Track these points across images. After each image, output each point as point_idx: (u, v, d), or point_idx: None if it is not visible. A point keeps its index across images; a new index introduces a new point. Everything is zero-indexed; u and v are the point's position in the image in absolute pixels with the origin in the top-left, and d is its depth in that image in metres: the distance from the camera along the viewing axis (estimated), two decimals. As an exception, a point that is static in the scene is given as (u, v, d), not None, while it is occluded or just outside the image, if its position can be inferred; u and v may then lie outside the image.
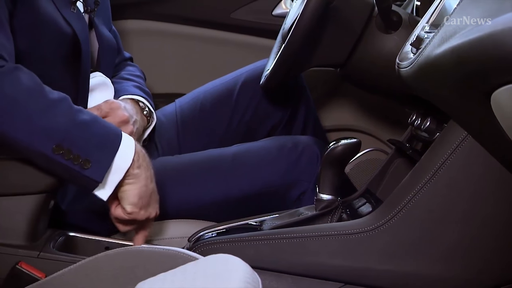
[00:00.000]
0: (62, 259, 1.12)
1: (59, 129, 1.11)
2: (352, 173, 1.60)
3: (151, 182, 1.19)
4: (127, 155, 1.15)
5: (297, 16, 1.31)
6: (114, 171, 1.14)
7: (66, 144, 1.10)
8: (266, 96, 1.55)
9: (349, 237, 1.08)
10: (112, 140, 1.15)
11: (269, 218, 1.22)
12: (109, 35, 1.44)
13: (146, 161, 1.18)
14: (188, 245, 1.21)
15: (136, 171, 1.16)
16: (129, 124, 1.34)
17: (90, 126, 1.14)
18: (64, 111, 1.12)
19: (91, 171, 1.12)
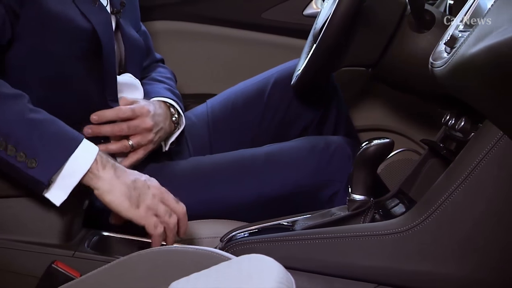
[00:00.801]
0: (96, 258, 1.13)
1: (5, 125, 1.07)
2: (384, 173, 1.59)
3: (126, 176, 1.12)
4: (84, 159, 1.10)
5: (329, 15, 1.31)
6: (67, 174, 1.09)
7: (11, 141, 1.07)
8: (297, 96, 1.55)
9: (383, 237, 1.07)
10: (67, 143, 1.10)
11: (301, 219, 1.21)
12: (136, 36, 1.44)
13: (111, 162, 1.13)
14: (220, 245, 1.21)
15: (101, 174, 1.10)
16: (151, 133, 1.34)
17: (43, 125, 1.10)
18: (15, 108, 1.09)
19: (36, 171, 1.07)
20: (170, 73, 1.58)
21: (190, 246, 1.07)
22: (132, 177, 1.13)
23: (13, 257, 1.13)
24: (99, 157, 1.11)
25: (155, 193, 1.14)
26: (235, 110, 1.57)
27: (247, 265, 0.88)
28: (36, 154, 1.07)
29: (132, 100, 1.36)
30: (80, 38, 1.24)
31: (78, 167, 1.09)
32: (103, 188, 1.10)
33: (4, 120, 1.07)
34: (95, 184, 1.11)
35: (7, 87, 1.11)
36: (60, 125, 1.12)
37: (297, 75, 1.46)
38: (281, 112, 1.56)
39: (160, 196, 1.15)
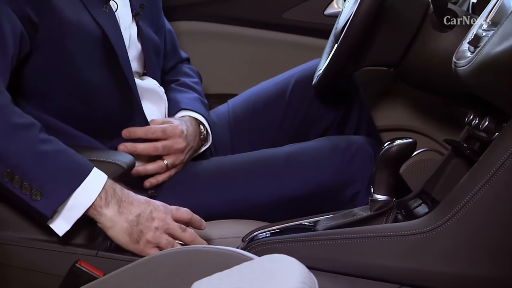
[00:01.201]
0: (119, 258, 1.13)
1: (13, 156, 1.07)
2: (405, 173, 1.58)
3: (130, 212, 1.12)
4: (90, 192, 1.09)
5: (350, 15, 1.31)
6: (72, 206, 1.09)
7: (18, 172, 1.06)
8: (318, 96, 1.54)
9: (406, 238, 1.07)
10: (74, 175, 1.09)
11: (323, 219, 1.21)
12: (154, 37, 1.43)
13: (116, 197, 1.12)
14: (242, 245, 1.21)
15: (104, 211, 1.10)
16: (184, 153, 1.36)
17: (49, 157, 1.09)
18: (25, 138, 1.08)
19: (40, 204, 1.07)
20: (196, 74, 1.58)
21: (212, 246, 1.07)
22: (137, 211, 1.13)
23: (37, 256, 1.14)
24: (105, 191, 1.11)
25: (158, 226, 1.14)
26: (256, 110, 1.57)
27: (270, 265, 0.88)
28: (42, 186, 1.07)
29: (163, 120, 1.38)
30: (95, 44, 1.24)
31: (82, 200, 1.09)
32: (105, 224, 1.11)
33: (13, 151, 1.07)
34: (98, 219, 1.12)
35: (19, 116, 1.10)
36: (69, 155, 1.11)
37: (319, 75, 1.46)
38: (302, 112, 1.55)
39: (163, 228, 1.14)
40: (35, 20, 1.18)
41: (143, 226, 1.13)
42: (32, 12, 1.17)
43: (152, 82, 1.40)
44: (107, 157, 1.19)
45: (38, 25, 1.18)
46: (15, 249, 1.15)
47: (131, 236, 1.12)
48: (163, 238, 1.14)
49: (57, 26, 1.20)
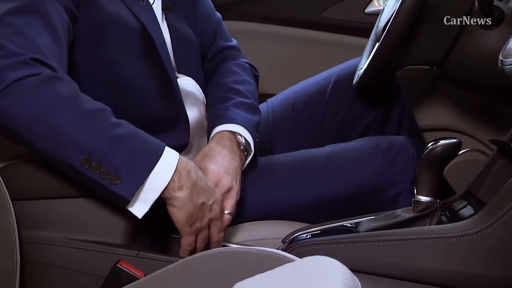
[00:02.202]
0: (160, 258, 1.13)
1: (88, 143, 1.08)
2: (448, 174, 1.56)
3: (199, 197, 1.15)
4: (164, 173, 1.11)
5: (393, 13, 1.30)
6: (148, 189, 1.10)
7: (95, 158, 1.07)
8: (359, 96, 1.54)
9: (451, 240, 1.06)
10: (148, 157, 1.11)
11: (365, 220, 1.20)
12: (189, 32, 1.41)
13: (191, 180, 1.14)
14: (282, 246, 1.21)
15: (177, 194, 1.12)
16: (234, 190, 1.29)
17: (124, 141, 1.10)
18: (98, 124, 1.09)
19: (120, 188, 1.08)
20: (246, 72, 1.52)
21: (253, 247, 1.07)
22: (203, 199, 1.16)
23: (79, 257, 1.15)
24: (178, 174, 1.13)
25: (211, 217, 1.18)
26: (295, 110, 1.57)
27: (312, 267, 0.88)
28: (119, 170, 1.08)
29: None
30: (133, 37, 1.24)
31: (158, 181, 1.11)
32: (175, 204, 1.14)
33: (88, 138, 1.08)
34: (169, 200, 1.14)
35: (90, 102, 1.11)
36: (142, 137, 1.13)
37: (359, 74, 1.45)
38: (343, 112, 1.55)
39: (213, 221, 1.19)
40: (75, 13, 1.19)
41: (202, 214, 1.16)
42: (72, 4, 1.18)
43: (189, 81, 1.40)
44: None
45: (77, 17, 1.20)
46: (55, 249, 1.16)
47: (190, 219, 1.15)
48: (204, 232, 1.18)
49: (95, 19, 1.20)
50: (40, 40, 1.11)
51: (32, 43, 1.10)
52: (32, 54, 1.09)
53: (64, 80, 1.11)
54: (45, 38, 1.12)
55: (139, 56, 1.26)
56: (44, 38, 1.12)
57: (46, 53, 1.11)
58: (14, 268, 1.05)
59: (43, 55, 1.10)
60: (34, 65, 1.09)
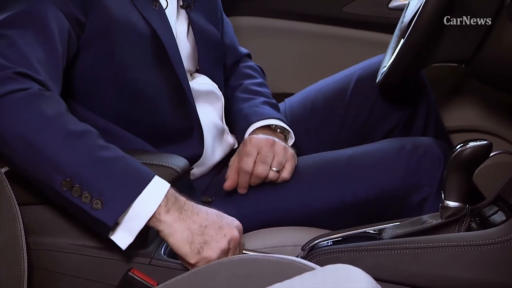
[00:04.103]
0: (174, 266, 1.13)
1: (70, 164, 1.06)
2: (478, 178, 1.55)
3: (200, 222, 1.11)
4: (151, 201, 1.08)
5: (419, 7, 1.29)
6: (134, 216, 1.08)
7: (76, 181, 1.06)
8: (382, 95, 1.53)
9: (481, 248, 1.05)
10: (135, 182, 1.08)
11: (390, 226, 1.20)
12: (211, 29, 1.43)
13: (178, 205, 1.10)
14: (302, 254, 1.21)
15: (165, 218, 1.09)
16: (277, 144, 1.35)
17: (109, 164, 1.08)
18: (82, 146, 1.08)
19: (101, 213, 1.06)
20: (259, 73, 1.57)
21: (271, 254, 1.07)
22: (202, 222, 1.11)
23: (89, 264, 1.16)
24: (166, 199, 1.09)
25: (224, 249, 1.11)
26: (314, 111, 1.57)
27: (333, 276, 0.88)
28: (102, 194, 1.06)
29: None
30: (144, 43, 1.26)
31: (144, 209, 1.08)
32: (165, 230, 1.10)
33: (70, 160, 1.07)
34: (157, 227, 1.10)
35: (75, 123, 1.10)
36: (129, 162, 1.10)
37: (383, 73, 1.44)
38: (365, 112, 1.54)
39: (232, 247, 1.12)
40: (82, 19, 1.20)
41: (209, 237, 1.10)
42: (78, 11, 1.19)
43: (205, 80, 1.41)
44: (160, 160, 1.19)
45: (85, 23, 1.20)
46: (64, 256, 1.17)
47: (192, 245, 1.10)
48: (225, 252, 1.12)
49: (104, 25, 1.21)
50: (32, 52, 1.12)
51: (23, 57, 1.11)
52: (21, 69, 1.09)
53: (51, 98, 1.10)
54: (38, 50, 1.12)
55: (151, 62, 1.27)
56: (37, 50, 1.12)
57: (36, 68, 1.11)
58: (22, 276, 1.05)
59: (33, 70, 1.10)
60: (21, 80, 1.09)
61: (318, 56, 1.88)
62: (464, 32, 1.34)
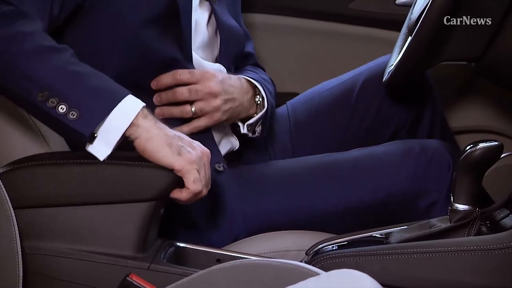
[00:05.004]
0: (173, 271, 1.13)
1: (45, 76, 1.12)
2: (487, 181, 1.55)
3: (174, 133, 1.15)
4: (128, 112, 1.13)
5: (426, 4, 1.29)
6: (111, 128, 1.12)
7: (52, 93, 1.11)
8: (389, 96, 1.53)
9: (491, 253, 1.05)
10: (111, 95, 1.13)
11: (396, 230, 1.20)
12: (234, 25, 1.45)
13: (154, 118, 1.15)
14: (306, 259, 1.21)
15: (143, 123, 1.13)
16: (217, 99, 1.35)
17: (86, 77, 1.13)
18: (57, 60, 1.13)
19: (78, 123, 1.11)
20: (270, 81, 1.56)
21: (274, 259, 1.07)
22: (175, 133, 1.16)
23: (86, 269, 1.15)
24: (143, 110, 1.14)
25: (201, 156, 1.15)
26: (319, 114, 1.56)
27: (338, 281, 0.88)
28: (78, 105, 1.11)
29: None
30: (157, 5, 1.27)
31: (121, 119, 1.12)
32: (143, 135, 1.13)
33: (45, 72, 1.12)
34: (135, 133, 1.13)
35: (50, 41, 1.15)
36: (105, 79, 1.15)
37: (390, 72, 1.44)
38: (371, 115, 1.54)
39: (206, 161, 1.16)
40: None
41: (184, 145, 1.14)
42: None
43: (217, 66, 1.41)
44: None
45: None
46: (60, 261, 1.16)
47: (172, 147, 1.13)
48: (204, 171, 1.15)
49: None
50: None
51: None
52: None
53: (31, 20, 1.15)
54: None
55: (158, 22, 1.28)
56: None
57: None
58: (17, 281, 1.05)
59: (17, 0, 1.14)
60: (2, 3, 1.13)
61: (322, 54, 1.88)
62: (474, 30, 1.33)
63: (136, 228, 1.15)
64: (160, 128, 1.14)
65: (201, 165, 1.15)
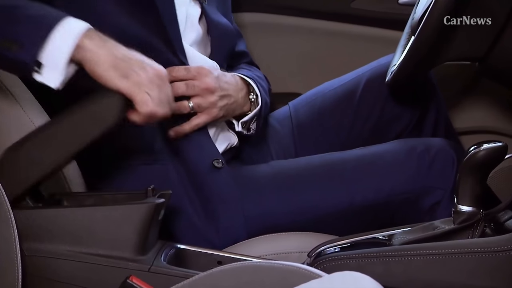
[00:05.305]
0: (174, 273, 1.13)
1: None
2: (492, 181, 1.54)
3: (123, 52, 1.12)
4: (69, 34, 1.10)
5: (430, 3, 1.29)
6: (54, 53, 1.09)
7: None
8: (392, 97, 1.53)
9: (496, 255, 1.05)
10: (50, 19, 1.11)
11: (400, 232, 1.19)
12: (225, 22, 1.46)
13: (102, 37, 1.12)
14: (308, 261, 1.21)
15: (89, 46, 1.10)
16: (213, 95, 1.35)
17: (22, 8, 1.11)
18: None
19: (19, 54, 1.09)
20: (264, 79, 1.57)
21: (276, 261, 1.07)
22: (125, 53, 1.13)
23: (86, 271, 1.15)
24: (88, 31, 1.11)
25: (151, 77, 1.13)
26: (321, 115, 1.56)
27: (341, 283, 0.88)
28: (17, 35, 1.09)
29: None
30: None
31: (64, 40, 1.10)
32: (91, 59, 1.11)
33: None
34: (83, 57, 1.11)
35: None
36: (46, 7, 1.13)
37: (393, 71, 1.44)
38: (374, 116, 1.54)
39: (157, 83, 1.13)
40: None
41: (132, 66, 1.11)
42: None
43: (212, 62, 1.41)
44: None
45: None
46: (60, 263, 1.16)
47: (117, 70, 1.10)
48: (157, 90, 1.13)
49: None
50: None
51: None
52: None
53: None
54: None
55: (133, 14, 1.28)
56: None
57: None
58: (16, 284, 1.05)
59: None
60: None
61: (324, 54, 1.88)
62: (477, 30, 1.33)
63: (136, 230, 1.15)
64: (108, 48, 1.11)
65: (152, 86, 1.12)
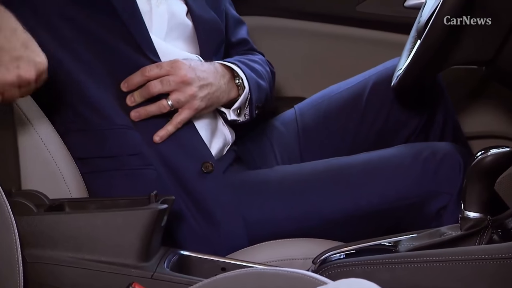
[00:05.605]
0: (177, 280, 1.13)
1: None
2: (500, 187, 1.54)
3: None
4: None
5: (436, 7, 1.28)
6: None
7: None
8: (398, 101, 1.52)
9: (504, 262, 1.04)
10: None
11: (406, 238, 1.19)
12: (212, 17, 1.44)
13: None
14: (313, 267, 1.20)
15: None
16: (191, 86, 1.33)
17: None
18: None
19: None
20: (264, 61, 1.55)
21: (280, 268, 1.07)
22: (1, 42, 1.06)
23: (88, 278, 1.15)
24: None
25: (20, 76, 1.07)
26: (327, 119, 1.56)
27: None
28: None
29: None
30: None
31: None
32: None
33: None
34: None
35: None
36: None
37: (398, 76, 1.44)
38: (381, 120, 1.53)
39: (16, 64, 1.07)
40: None
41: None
42: None
43: (188, 55, 1.40)
44: None
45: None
46: (62, 270, 1.16)
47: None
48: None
49: None
50: None
51: None
52: None
53: None
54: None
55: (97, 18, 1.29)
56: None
57: None
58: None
59: None
60: None
61: (330, 58, 1.88)
62: (485, 33, 1.33)
63: (139, 236, 1.15)
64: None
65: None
